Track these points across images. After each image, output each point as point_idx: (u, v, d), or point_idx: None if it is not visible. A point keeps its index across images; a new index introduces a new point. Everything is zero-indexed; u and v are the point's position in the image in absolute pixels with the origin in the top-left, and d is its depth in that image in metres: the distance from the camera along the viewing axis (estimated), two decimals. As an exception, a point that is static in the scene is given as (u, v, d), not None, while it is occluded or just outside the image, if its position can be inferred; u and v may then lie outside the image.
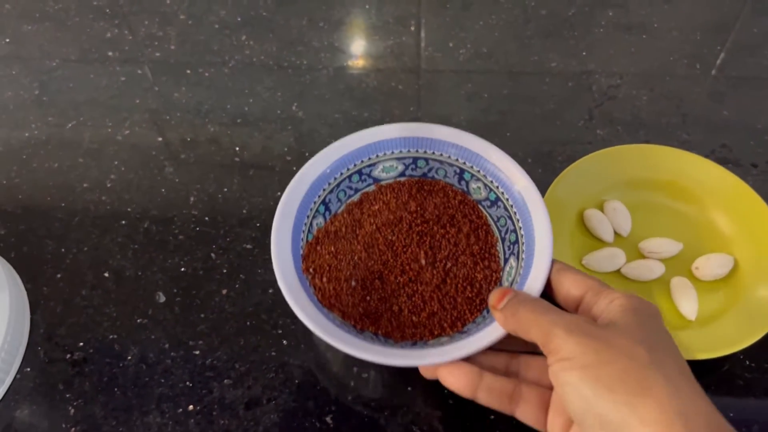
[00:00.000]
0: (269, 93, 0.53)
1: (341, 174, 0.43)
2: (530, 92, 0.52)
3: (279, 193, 0.47)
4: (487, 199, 0.42)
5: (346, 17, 0.58)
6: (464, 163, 0.43)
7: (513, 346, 0.34)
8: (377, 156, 0.43)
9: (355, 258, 0.41)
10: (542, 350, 0.30)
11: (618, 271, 0.42)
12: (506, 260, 0.40)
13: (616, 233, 0.44)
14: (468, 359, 0.33)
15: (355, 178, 0.43)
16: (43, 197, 0.48)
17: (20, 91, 0.54)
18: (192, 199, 0.47)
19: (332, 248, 0.41)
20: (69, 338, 0.42)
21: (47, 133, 0.51)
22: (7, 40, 0.58)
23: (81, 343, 0.41)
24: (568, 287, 0.33)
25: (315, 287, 0.39)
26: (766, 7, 0.58)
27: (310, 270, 0.40)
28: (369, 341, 0.36)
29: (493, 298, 0.34)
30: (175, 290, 0.43)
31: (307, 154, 0.49)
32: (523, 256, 0.38)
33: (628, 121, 0.50)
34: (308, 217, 0.41)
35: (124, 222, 0.46)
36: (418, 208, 0.43)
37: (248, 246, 0.45)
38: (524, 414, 0.33)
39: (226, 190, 0.48)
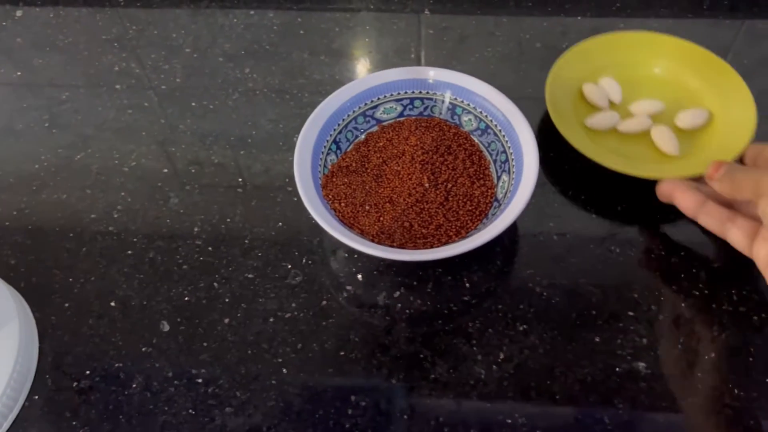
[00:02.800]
0: (272, 125, 0.55)
1: (348, 116, 0.49)
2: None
3: (280, 224, 0.49)
4: (477, 128, 0.50)
5: (347, 50, 0.60)
6: (455, 98, 0.50)
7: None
8: (378, 99, 0.50)
9: (366, 187, 0.47)
10: (755, 199, 0.38)
11: (615, 130, 0.52)
12: (499, 177, 0.47)
13: (610, 102, 0.54)
14: (697, 189, 0.43)
15: (360, 119, 0.50)
16: (52, 228, 0.49)
17: (30, 123, 0.56)
18: (196, 229, 0.49)
19: (346, 180, 0.47)
20: (76, 367, 0.43)
21: (56, 164, 0.53)
22: (19, 72, 0.60)
23: (87, 372, 0.42)
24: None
25: (336, 210, 0.46)
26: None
27: (330, 197, 0.46)
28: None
29: (709, 169, 0.41)
30: (179, 319, 0.45)
31: (307, 185, 0.51)
32: (514, 171, 0.46)
33: (621, 152, 0.51)
34: (323, 153, 0.48)
35: (130, 252, 0.48)
36: (418, 142, 0.49)
37: (250, 275, 0.46)
38: (734, 238, 0.41)
39: (229, 220, 0.49)
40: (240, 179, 0.51)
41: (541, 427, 0.39)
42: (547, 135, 0.51)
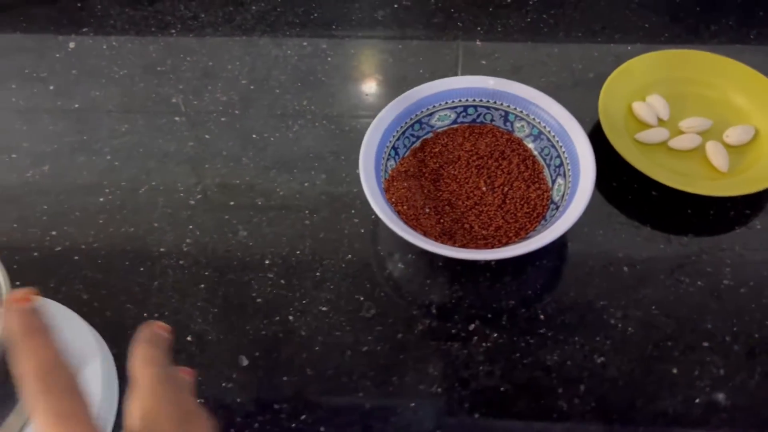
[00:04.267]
0: (333, 157, 0.55)
1: (405, 123, 0.51)
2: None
3: (349, 256, 0.49)
4: (530, 134, 0.51)
5: (401, 80, 0.61)
6: (508, 106, 0.52)
7: None
8: (434, 106, 0.52)
9: (425, 191, 0.50)
10: None
11: (665, 145, 0.54)
12: (554, 181, 0.49)
13: (658, 118, 0.55)
14: None
15: (416, 126, 0.52)
16: (121, 261, 0.50)
17: (92, 156, 0.56)
18: (267, 262, 0.49)
19: (405, 184, 0.49)
20: (157, 402, 0.43)
21: (121, 198, 0.53)
22: (76, 105, 0.60)
23: (169, 408, 0.43)
24: None
25: (399, 212, 0.47)
26: None
27: (393, 200, 0.48)
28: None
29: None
30: (257, 353, 0.45)
31: (373, 217, 0.51)
32: (570, 175, 0.47)
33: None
34: (384, 159, 0.49)
35: (202, 286, 0.48)
36: (473, 148, 0.52)
37: (324, 309, 0.47)
38: None
39: (298, 252, 0.50)
40: (306, 211, 0.52)
41: (628, 460, 0.40)
42: (608, 163, 0.52)
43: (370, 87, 0.60)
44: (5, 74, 0.63)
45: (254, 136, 0.57)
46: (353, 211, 0.52)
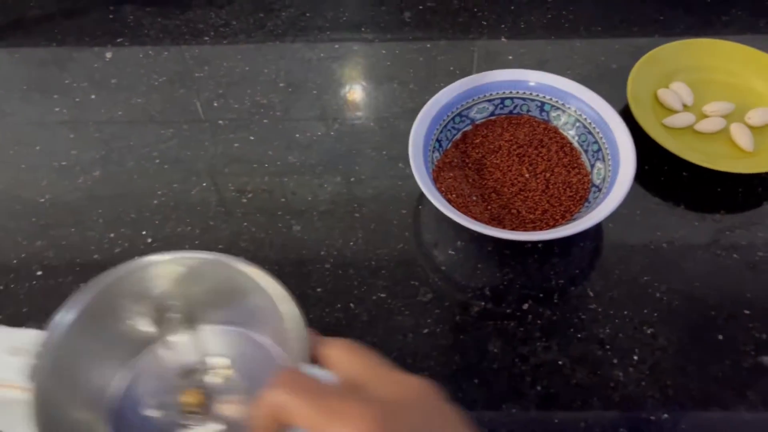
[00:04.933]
0: (376, 152, 0.57)
1: (448, 116, 0.54)
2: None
3: (401, 245, 0.51)
4: (566, 123, 0.54)
5: (433, 77, 0.63)
6: (544, 96, 0.55)
7: None
8: (473, 99, 0.55)
9: (470, 180, 0.53)
10: None
11: (692, 129, 0.57)
12: (593, 165, 0.52)
13: (683, 104, 0.59)
14: None
15: (457, 119, 0.55)
16: (181, 259, 0.51)
17: (141, 160, 0.58)
18: (323, 253, 0.51)
19: (450, 174, 0.52)
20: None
21: (174, 199, 0.55)
22: (120, 112, 0.62)
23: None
24: None
25: (449, 200, 0.50)
26: None
27: (442, 189, 0.51)
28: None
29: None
30: (322, 340, 0.47)
31: (420, 207, 0.54)
32: (609, 159, 0.50)
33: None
34: (430, 151, 0.52)
35: (263, 279, 0.50)
36: (512, 137, 0.55)
37: (382, 295, 0.49)
38: None
39: (352, 244, 0.52)
40: (355, 204, 0.54)
41: (684, 422, 0.42)
42: (638, 147, 0.54)
43: (403, 85, 0.63)
44: (47, 85, 0.64)
45: (297, 135, 0.59)
46: (400, 203, 0.54)
